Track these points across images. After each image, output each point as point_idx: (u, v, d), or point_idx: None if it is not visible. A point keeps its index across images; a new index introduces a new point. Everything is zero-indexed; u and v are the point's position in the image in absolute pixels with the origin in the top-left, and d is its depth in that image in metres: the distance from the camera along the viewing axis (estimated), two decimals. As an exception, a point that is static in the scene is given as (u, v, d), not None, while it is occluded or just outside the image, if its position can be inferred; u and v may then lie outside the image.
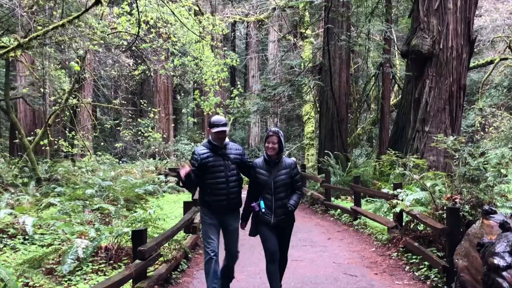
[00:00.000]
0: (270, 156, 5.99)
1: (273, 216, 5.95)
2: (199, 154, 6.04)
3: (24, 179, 15.34)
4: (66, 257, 7.53)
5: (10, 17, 17.03)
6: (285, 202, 5.97)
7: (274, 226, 6.01)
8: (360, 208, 12.48)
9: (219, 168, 6.01)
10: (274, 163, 6.00)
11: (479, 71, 28.01)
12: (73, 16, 12.48)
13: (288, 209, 5.97)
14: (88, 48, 16.49)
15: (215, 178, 6.00)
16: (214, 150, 6.06)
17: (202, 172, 6.03)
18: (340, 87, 19.72)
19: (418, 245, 8.16)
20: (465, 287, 6.02)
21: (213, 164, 5.99)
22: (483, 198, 7.63)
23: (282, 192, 5.98)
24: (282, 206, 5.96)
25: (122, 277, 5.52)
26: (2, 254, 8.14)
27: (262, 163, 6.08)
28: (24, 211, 10.62)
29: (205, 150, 6.08)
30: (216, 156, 6.03)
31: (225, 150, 6.12)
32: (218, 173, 6.00)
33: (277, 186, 5.94)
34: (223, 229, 6.24)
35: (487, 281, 5.19)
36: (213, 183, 6.00)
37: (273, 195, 5.95)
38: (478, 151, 9.11)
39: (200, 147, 6.24)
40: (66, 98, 18.59)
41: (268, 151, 5.97)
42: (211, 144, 6.09)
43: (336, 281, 7.47)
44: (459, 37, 13.58)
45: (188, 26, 16.67)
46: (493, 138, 23.75)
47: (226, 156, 6.07)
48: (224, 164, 6.04)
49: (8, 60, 17.97)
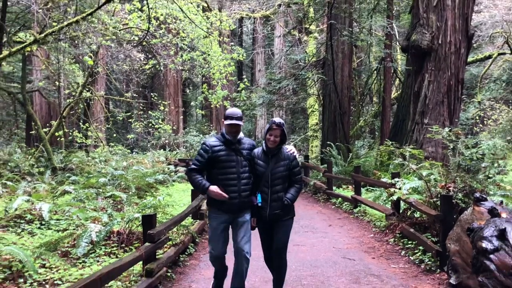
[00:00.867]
0: (269, 148, 5.44)
1: (268, 210, 5.41)
2: (211, 146, 5.42)
3: (40, 168, 15.45)
4: (81, 240, 7.64)
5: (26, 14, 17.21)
6: (281, 195, 5.42)
7: (269, 221, 5.48)
8: (360, 196, 12.58)
9: (231, 163, 5.40)
10: (272, 154, 5.45)
11: (478, 65, 27.94)
12: (87, 13, 12.58)
13: (284, 203, 5.41)
14: (101, 43, 16.63)
15: (226, 174, 5.38)
16: (227, 144, 5.45)
17: (211, 166, 5.45)
18: (343, 81, 19.75)
19: (413, 231, 8.25)
20: (457, 270, 6.12)
21: (225, 159, 5.39)
22: (475, 186, 7.72)
23: (279, 185, 5.43)
24: (278, 200, 5.40)
25: (133, 258, 5.63)
26: (21, 238, 8.17)
27: (261, 153, 5.52)
28: (41, 198, 10.67)
29: (218, 143, 5.46)
30: (228, 151, 5.42)
31: (238, 145, 5.51)
32: (230, 168, 5.39)
33: (274, 178, 5.40)
34: (233, 228, 5.56)
35: (476, 264, 5.30)
36: (223, 179, 5.37)
37: (270, 187, 5.40)
38: (472, 142, 9.18)
39: (212, 139, 5.58)
40: (80, 91, 18.72)
41: (268, 143, 5.39)
42: (225, 137, 5.47)
43: (335, 264, 7.58)
44: (457, 32, 13.60)
45: (197, 22, 16.72)
46: (491, 131, 23.76)
47: (239, 152, 5.45)
48: (237, 160, 5.42)
49: (25, 55, 18.11)
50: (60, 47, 17.34)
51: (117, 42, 19.20)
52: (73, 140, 21.53)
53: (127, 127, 31.13)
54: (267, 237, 5.59)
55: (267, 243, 5.61)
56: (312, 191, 16.74)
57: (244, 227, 5.48)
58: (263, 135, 5.29)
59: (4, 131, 28.10)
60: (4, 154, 17.81)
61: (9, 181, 12.94)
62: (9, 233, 8.38)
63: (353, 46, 20.85)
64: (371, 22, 19.29)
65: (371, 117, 24.55)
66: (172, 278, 7.00)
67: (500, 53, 24.07)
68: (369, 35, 19.53)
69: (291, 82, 22.61)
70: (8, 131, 28.40)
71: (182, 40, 18.48)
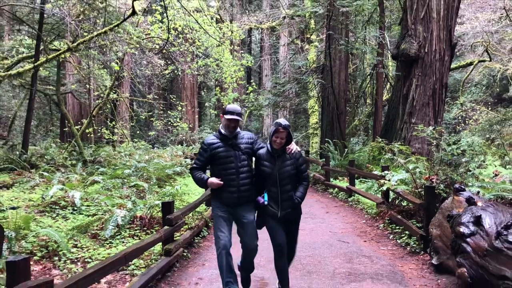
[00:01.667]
0: (274, 149, 4.93)
1: (280, 210, 4.92)
2: (209, 144, 5.03)
3: (73, 161, 15.54)
4: (108, 224, 7.73)
5: (60, 25, 17.29)
6: (291, 194, 4.92)
7: (281, 220, 4.98)
8: (354, 187, 12.59)
9: (229, 159, 4.96)
10: (278, 154, 4.94)
11: (461, 71, 27.80)
12: (114, 24, 12.66)
13: (295, 202, 4.94)
14: (126, 51, 16.72)
15: (225, 170, 4.96)
16: (224, 139, 5.02)
17: (211, 162, 5.08)
18: (340, 84, 19.74)
19: (401, 218, 8.29)
20: (438, 251, 6.16)
21: (223, 155, 4.97)
22: (455, 178, 7.73)
23: (288, 184, 4.92)
24: (289, 199, 4.92)
25: (153, 239, 5.70)
26: (56, 222, 8.27)
27: (266, 154, 4.99)
28: (73, 187, 10.76)
29: (215, 140, 5.05)
30: (226, 146, 4.99)
31: (235, 140, 5.05)
32: (228, 164, 4.96)
33: (282, 178, 4.89)
34: (237, 222, 5.15)
35: (455, 246, 5.33)
36: (223, 174, 4.96)
37: (279, 187, 4.89)
38: (453, 139, 9.19)
39: (210, 136, 5.18)
40: (108, 93, 18.83)
41: (274, 144, 4.89)
42: (221, 133, 5.06)
43: (331, 246, 7.63)
44: (442, 42, 13.56)
45: (210, 33, 16.77)
46: (472, 129, 23.68)
47: (237, 146, 5.00)
48: (235, 155, 4.97)
49: (59, 61, 18.23)
50: (90, 54, 17.46)
51: (140, 50, 19.27)
52: (101, 136, 21.61)
53: (149, 125, 31.22)
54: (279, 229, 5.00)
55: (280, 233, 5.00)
56: (312, 182, 16.75)
57: (249, 226, 5.06)
58: (269, 137, 4.93)
59: (41, 128, 28.27)
60: (41, 148, 17.97)
61: (46, 172, 13.04)
62: (45, 217, 8.47)
63: (349, 53, 20.84)
64: (365, 32, 19.33)
65: (365, 117, 24.51)
66: (188, 257, 7.07)
67: (481, 60, 23.97)
68: (363, 44, 19.56)
69: (294, 86, 22.59)
70: (44, 128, 28.57)
71: (197, 48, 18.54)
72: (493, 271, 4.41)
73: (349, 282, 5.74)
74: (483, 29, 21.96)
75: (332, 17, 18.39)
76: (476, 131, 22.40)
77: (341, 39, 18.55)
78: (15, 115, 21.53)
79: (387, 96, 23.40)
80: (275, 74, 31.70)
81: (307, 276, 6.02)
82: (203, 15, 16.98)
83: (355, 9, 17.02)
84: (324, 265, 6.50)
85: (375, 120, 20.01)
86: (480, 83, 27.99)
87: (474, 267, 4.78)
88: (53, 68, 21.41)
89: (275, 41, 33.22)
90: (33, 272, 5.86)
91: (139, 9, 13.97)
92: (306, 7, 20.81)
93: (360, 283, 5.69)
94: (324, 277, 5.95)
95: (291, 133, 4.95)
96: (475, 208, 5.43)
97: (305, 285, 5.65)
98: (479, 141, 9.00)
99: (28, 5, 16.53)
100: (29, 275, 3.24)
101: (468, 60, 25.35)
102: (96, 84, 20.52)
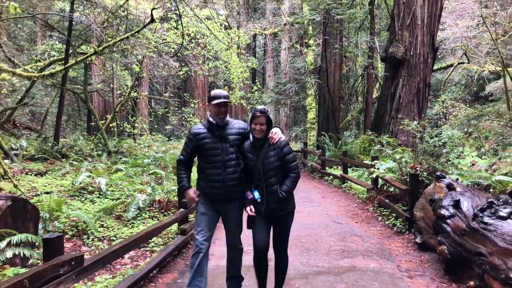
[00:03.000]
0: (257, 138, 3.97)
1: (265, 205, 3.94)
2: (194, 133, 4.08)
3: (98, 152, 15.58)
4: (130, 207, 7.80)
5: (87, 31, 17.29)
6: (275, 188, 3.92)
7: (266, 216, 4.00)
8: (347, 175, 12.61)
9: (215, 151, 4.00)
10: (260, 144, 3.96)
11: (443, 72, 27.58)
12: (134, 31, 12.65)
13: (279, 196, 3.90)
14: (145, 54, 16.70)
15: (210, 163, 4.02)
16: (212, 130, 4.05)
17: (197, 153, 4.16)
18: (334, 84, 19.71)
19: (388, 202, 8.31)
20: (421, 231, 6.18)
21: (209, 147, 4.01)
22: (437, 167, 7.73)
23: (273, 177, 3.92)
24: (273, 193, 3.91)
25: (170, 220, 5.72)
26: (84, 205, 8.32)
27: (249, 146, 4.02)
28: (99, 174, 10.81)
29: (202, 130, 4.09)
30: (213, 137, 4.02)
31: (223, 131, 4.06)
32: (214, 156, 3.99)
33: (266, 170, 3.91)
34: (222, 219, 4.22)
35: (436, 227, 5.35)
36: (208, 167, 4.03)
37: (264, 181, 3.92)
38: (435, 132, 9.16)
39: (197, 125, 4.20)
40: (129, 92, 18.87)
41: (255, 133, 3.93)
42: (210, 122, 4.08)
43: (327, 226, 7.65)
44: (425, 46, 13.49)
45: (220, 38, 16.76)
46: (451, 124, 23.59)
47: (224, 138, 4.01)
48: (221, 147, 4.00)
49: (86, 63, 18.26)
50: (113, 57, 17.47)
51: (158, 53, 19.25)
52: (124, 130, 21.70)
53: (165, 120, 31.23)
54: (261, 229, 4.01)
55: (260, 234, 4.00)
56: (309, 170, 16.80)
57: (232, 224, 4.13)
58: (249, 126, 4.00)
59: (70, 123, 28.32)
60: (70, 140, 18.03)
61: (75, 161, 13.10)
62: (75, 201, 8.53)
63: (343, 56, 20.80)
64: (357, 37, 19.25)
65: (357, 112, 24.42)
66: (201, 236, 7.10)
67: (460, 62, 23.85)
68: (355, 48, 19.47)
69: (294, 85, 22.64)
70: (73, 122, 28.62)
71: (208, 51, 18.52)
72: (470, 249, 4.43)
73: (343, 258, 5.77)
74: (462, 34, 21.81)
75: (328, 24, 18.36)
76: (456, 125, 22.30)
77: (336, 44, 18.51)
78: (48, 111, 21.59)
79: (376, 94, 23.31)
80: (277, 74, 31.61)
81: (306, 253, 6.04)
82: (213, 22, 16.95)
83: (349, 17, 16.94)
84: (321, 243, 6.52)
85: (365, 116, 19.97)
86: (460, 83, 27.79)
87: (453, 245, 4.80)
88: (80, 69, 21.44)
89: (277, 46, 33.13)
90: (65, 248, 5.90)
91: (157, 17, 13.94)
92: (304, 15, 20.71)
93: (352, 259, 5.72)
94: (321, 254, 5.98)
95: (270, 117, 3.97)
96: (454, 193, 5.44)
97: (304, 260, 5.68)
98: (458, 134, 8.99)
99: (59, 14, 16.51)
100: (63, 251, 3.28)
101: (448, 62, 25.23)
102: (119, 84, 20.54)
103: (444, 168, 7.82)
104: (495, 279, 3.94)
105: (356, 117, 24.79)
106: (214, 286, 4.74)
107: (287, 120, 32.15)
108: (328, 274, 5.10)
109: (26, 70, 15.11)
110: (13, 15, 9.87)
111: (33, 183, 9.41)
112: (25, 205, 5.53)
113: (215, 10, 24.25)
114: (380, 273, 5.13)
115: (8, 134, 18.26)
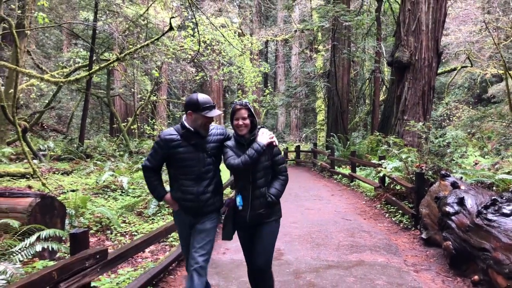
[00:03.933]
0: (241, 136, 3.33)
1: (249, 210, 3.32)
2: (166, 140, 3.26)
3: (120, 152, 15.72)
4: (150, 204, 7.86)
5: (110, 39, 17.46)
6: (264, 191, 3.32)
7: (250, 225, 3.39)
8: (355, 174, 12.52)
9: (190, 162, 3.25)
10: (248, 143, 3.32)
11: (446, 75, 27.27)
12: (154, 38, 12.73)
13: (268, 200, 3.31)
14: (164, 60, 16.81)
15: (183, 174, 3.27)
16: (187, 137, 3.26)
17: (168, 162, 3.35)
18: (343, 87, 19.60)
19: (395, 199, 8.24)
20: (427, 227, 6.12)
21: (182, 157, 3.24)
22: (442, 166, 7.65)
23: (261, 178, 3.32)
24: (261, 196, 3.32)
25: (188, 216, 5.74)
26: (107, 202, 8.43)
27: (235, 146, 3.36)
28: (121, 173, 10.96)
29: (175, 136, 3.27)
30: (187, 146, 3.25)
31: (202, 139, 3.31)
32: (189, 168, 3.25)
33: (256, 170, 3.30)
34: (192, 233, 3.39)
35: (441, 223, 5.30)
36: (181, 179, 3.29)
37: (251, 182, 3.30)
38: (439, 133, 9.06)
39: (168, 131, 3.34)
40: (149, 96, 18.98)
41: (238, 130, 3.32)
42: (185, 129, 3.27)
43: (336, 223, 7.62)
44: (430, 51, 13.32)
45: (234, 44, 16.80)
46: (455, 125, 23.32)
47: (202, 147, 3.28)
48: (198, 157, 3.26)
49: (109, 69, 18.44)
50: (134, 64, 17.60)
51: (176, 60, 19.34)
52: (144, 131, 21.80)
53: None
54: (249, 244, 3.47)
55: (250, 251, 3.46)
56: (319, 169, 16.72)
57: (202, 235, 3.32)
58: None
59: (94, 125, 28.61)
60: (94, 142, 18.22)
61: (99, 161, 13.25)
62: (99, 198, 8.62)
63: (351, 61, 20.66)
64: (365, 43, 19.14)
65: (364, 114, 24.28)
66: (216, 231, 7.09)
67: (463, 66, 23.57)
68: (363, 53, 19.38)
69: (304, 89, 22.61)
70: (96, 125, 28.91)
71: (223, 57, 18.56)
72: (474, 244, 4.38)
73: (352, 253, 5.73)
74: (465, 39, 21.55)
75: (336, 30, 18.27)
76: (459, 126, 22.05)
77: (344, 49, 18.41)
78: (73, 114, 21.87)
79: (383, 97, 23.15)
80: (288, 79, 31.59)
81: (316, 247, 6.02)
82: (228, 30, 17.03)
83: (356, 24, 16.86)
84: (330, 239, 6.49)
85: (373, 117, 19.84)
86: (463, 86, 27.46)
87: (458, 240, 4.75)
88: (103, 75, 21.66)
89: (288, 51, 33.06)
90: (90, 243, 5.95)
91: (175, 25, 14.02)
92: (314, 22, 20.65)
93: (361, 254, 5.68)
94: (331, 249, 5.95)
95: (253, 111, 3.37)
96: (458, 191, 5.38)
97: (314, 255, 5.66)
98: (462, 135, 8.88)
99: (83, 23, 16.70)
100: (88, 245, 3.32)
101: (452, 66, 24.94)
102: (139, 88, 20.68)
103: (448, 167, 7.73)
104: (499, 273, 3.89)
105: (363, 119, 24.65)
106: (229, 278, 4.75)
107: (297, 122, 32.08)
108: (337, 268, 5.08)
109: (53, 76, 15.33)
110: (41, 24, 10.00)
111: (60, 182, 9.53)
112: (53, 202, 5.60)
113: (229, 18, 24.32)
114: (387, 267, 5.09)
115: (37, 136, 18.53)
